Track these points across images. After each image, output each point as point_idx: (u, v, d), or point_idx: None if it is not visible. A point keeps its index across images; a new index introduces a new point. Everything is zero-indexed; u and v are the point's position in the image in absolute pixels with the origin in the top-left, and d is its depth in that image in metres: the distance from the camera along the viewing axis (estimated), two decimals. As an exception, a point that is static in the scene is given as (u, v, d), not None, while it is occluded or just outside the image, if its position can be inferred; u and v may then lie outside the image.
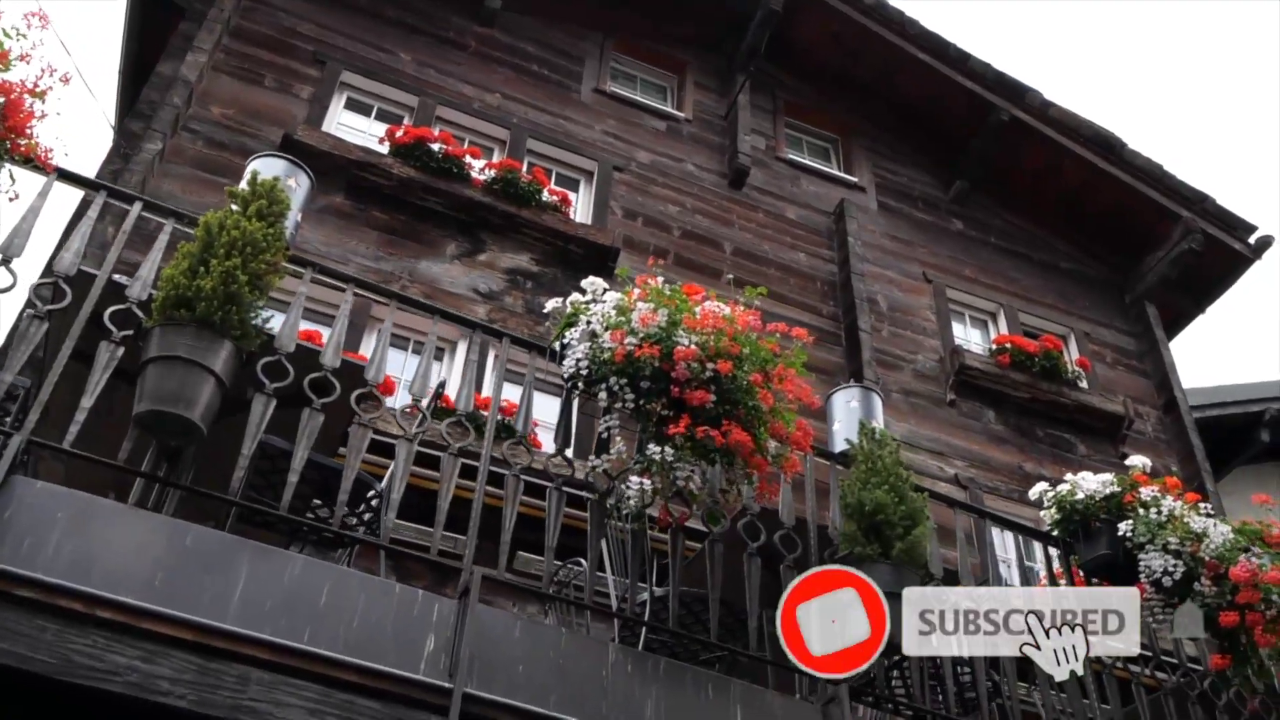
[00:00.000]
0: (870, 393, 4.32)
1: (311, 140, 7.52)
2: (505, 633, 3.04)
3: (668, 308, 3.36)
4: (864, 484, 3.65)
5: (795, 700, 3.40)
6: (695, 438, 3.18)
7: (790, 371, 3.43)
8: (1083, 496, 4.17)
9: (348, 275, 3.63)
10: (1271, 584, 3.89)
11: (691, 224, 8.85)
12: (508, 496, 3.29)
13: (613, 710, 3.03)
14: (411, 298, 3.80)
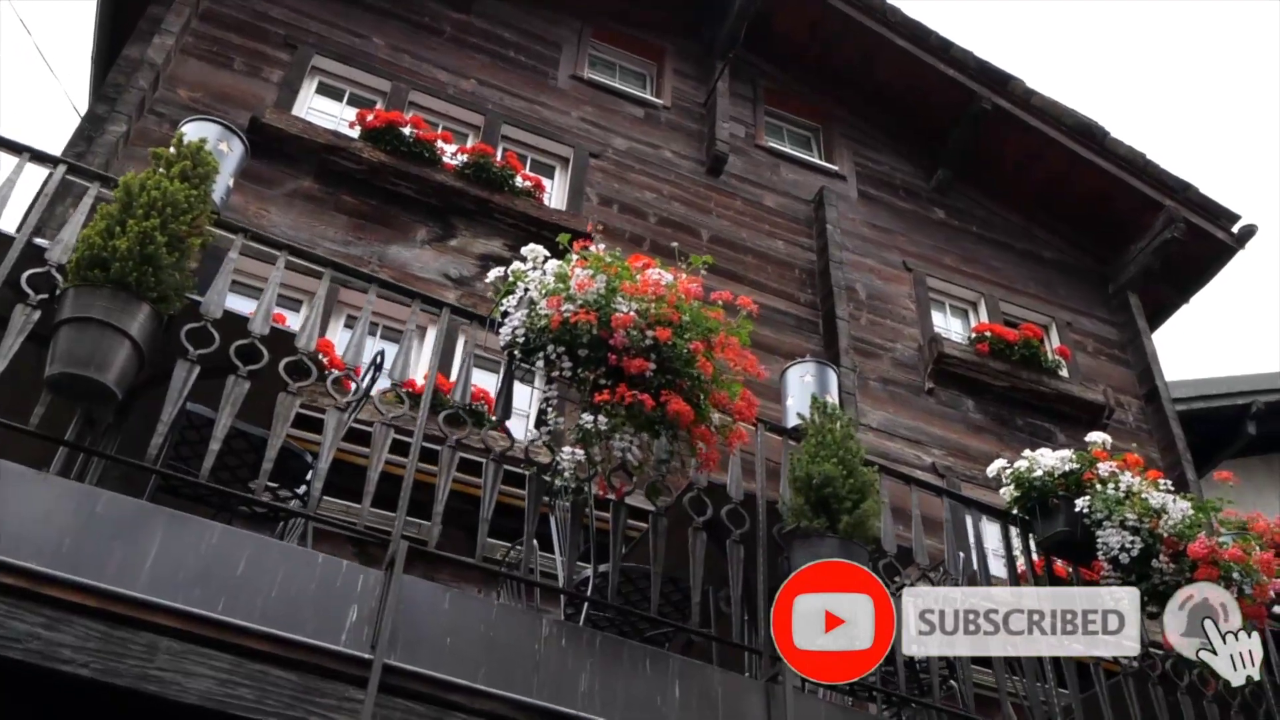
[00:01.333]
0: (825, 368, 4.24)
1: (280, 123, 7.44)
2: (433, 605, 2.95)
3: (606, 274, 3.28)
4: (813, 457, 3.56)
5: (737, 676, 3.31)
6: (627, 405, 3.10)
7: (734, 341, 3.35)
8: (1041, 473, 4.10)
9: (278, 241, 3.54)
10: (1232, 561, 3.81)
11: (668, 211, 8.76)
12: (441, 468, 3.21)
13: (544, 684, 2.94)
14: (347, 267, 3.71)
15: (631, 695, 3.05)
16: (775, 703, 3.21)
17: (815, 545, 3.44)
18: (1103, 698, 3.92)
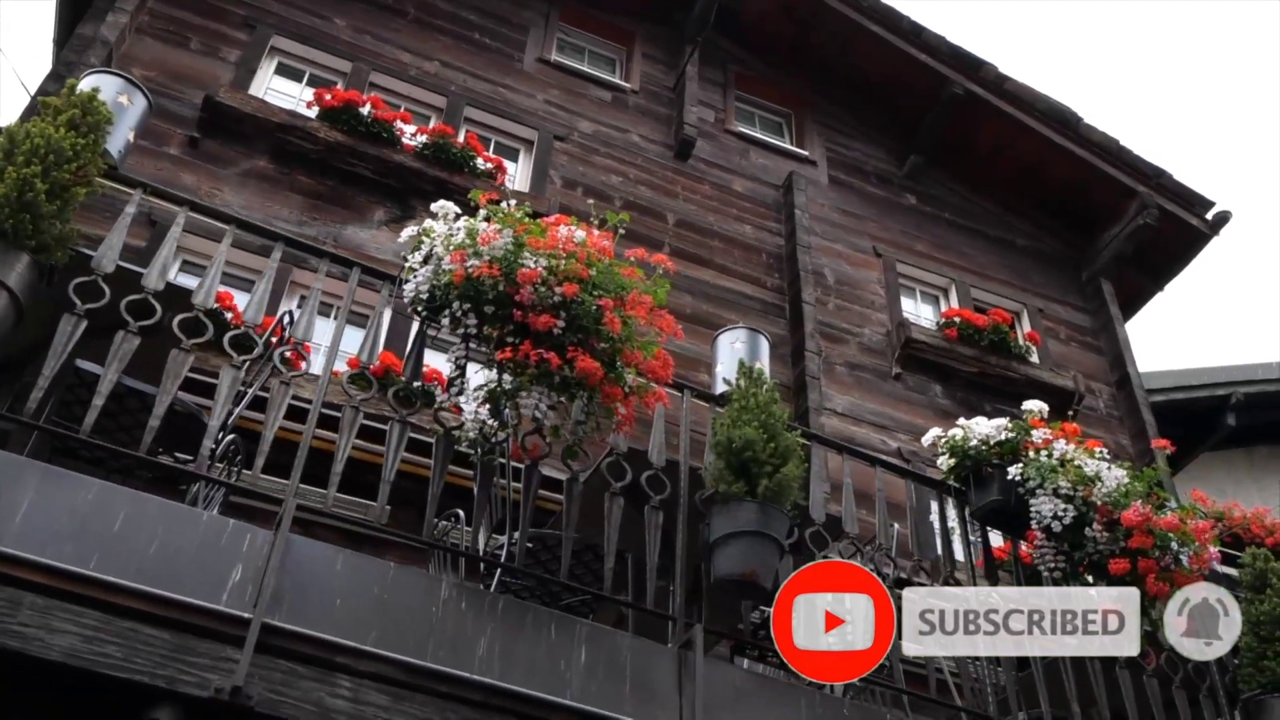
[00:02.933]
0: (757, 335, 4.14)
1: (234, 102, 7.34)
2: (325, 567, 2.86)
3: (514, 229, 3.18)
4: (734, 421, 3.47)
5: (648, 642, 3.22)
6: (534, 362, 3.00)
7: (646, 299, 3.25)
8: (975, 442, 4.00)
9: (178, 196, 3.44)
10: (1168, 530, 3.72)
11: (634, 194, 8.67)
12: (342, 428, 3.12)
13: (440, 648, 2.85)
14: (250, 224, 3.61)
15: (534, 660, 2.95)
16: (687, 669, 3.12)
17: (734, 510, 3.34)
18: (1038, 675, 3.83)
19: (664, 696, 3.07)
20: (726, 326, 4.35)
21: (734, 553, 3.30)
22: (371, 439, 5.07)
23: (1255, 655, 4.11)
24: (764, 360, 4.04)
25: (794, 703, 3.28)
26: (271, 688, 2.58)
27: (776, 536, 3.35)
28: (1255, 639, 4.13)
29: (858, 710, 3.37)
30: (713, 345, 4.22)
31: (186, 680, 2.50)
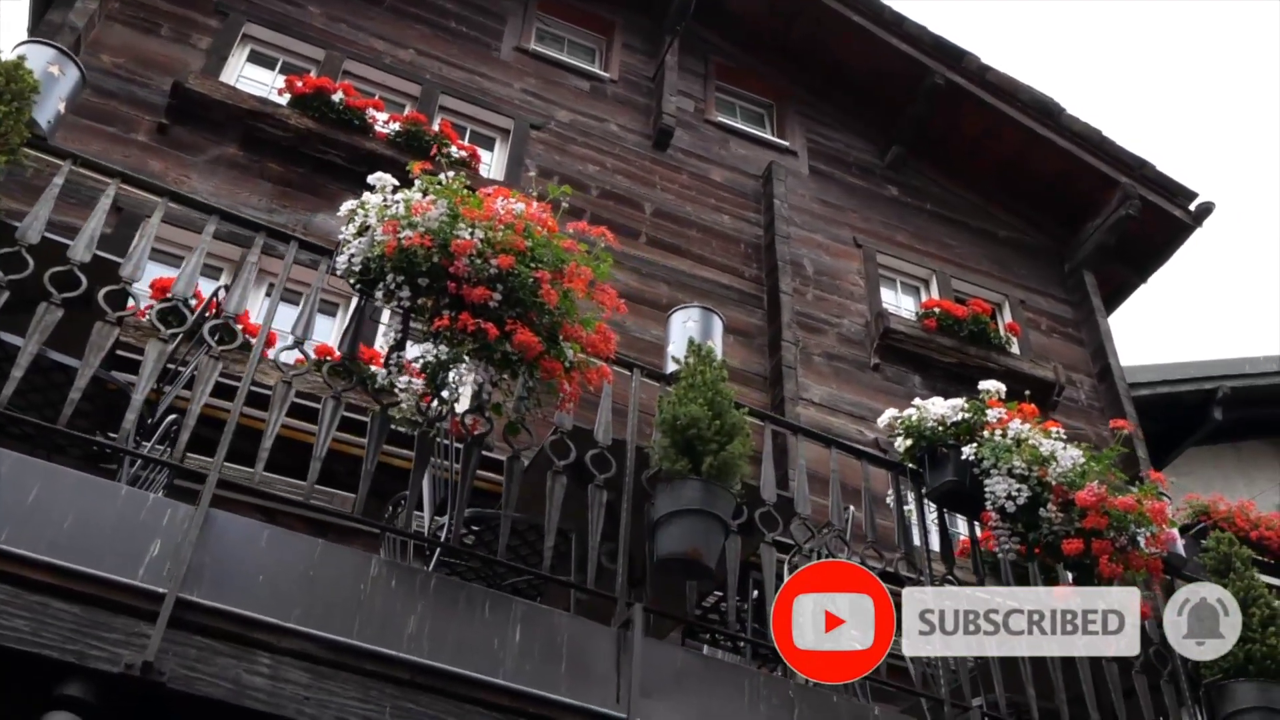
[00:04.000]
0: (711, 314, 4.08)
1: (204, 89, 7.27)
2: (249, 542, 2.80)
3: (448, 198, 3.12)
4: (681, 399, 3.41)
5: (587, 621, 3.15)
6: (470, 333, 2.94)
7: (586, 271, 3.18)
8: (931, 422, 3.94)
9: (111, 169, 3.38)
10: (1124, 511, 3.66)
11: (611, 184, 8.60)
12: (273, 403, 3.05)
13: (367, 626, 2.79)
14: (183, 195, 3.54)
15: (465, 639, 2.89)
16: (626, 649, 3.06)
17: (678, 488, 3.28)
18: (993, 660, 3.76)
19: (602, 676, 3.01)
20: (680, 305, 4.29)
21: (677, 531, 3.24)
22: (343, 428, 5.06)
23: (1218, 640, 4.05)
24: (717, 339, 3.97)
25: (738, 684, 3.21)
26: (186, 664, 2.51)
27: (721, 515, 3.29)
28: (1218, 624, 4.06)
29: (803, 691, 3.30)
30: (666, 324, 4.15)
31: (97, 655, 2.43)
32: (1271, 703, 3.91)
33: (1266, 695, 3.91)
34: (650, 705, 3.00)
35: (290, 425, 5.08)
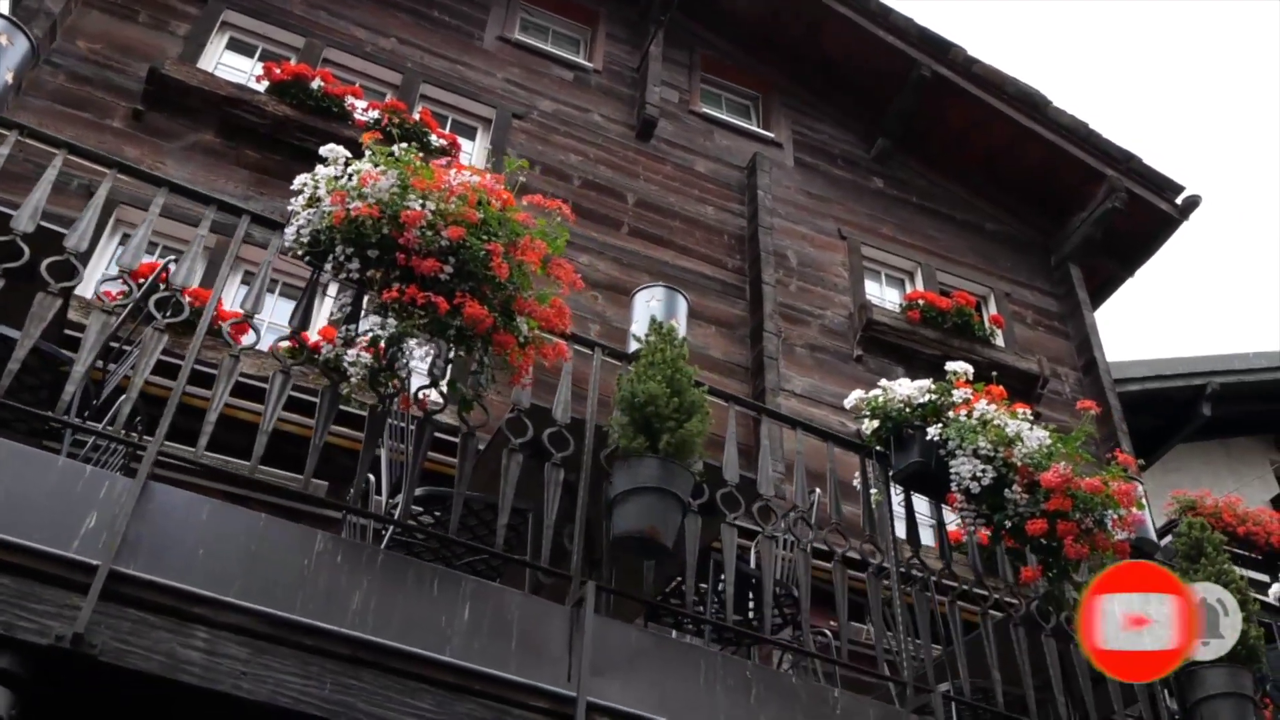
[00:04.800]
0: (675, 294, 4.03)
1: (180, 75, 7.22)
2: (189, 516, 2.74)
3: (399, 169, 3.07)
4: (640, 377, 3.36)
5: (539, 600, 3.10)
6: (419, 305, 2.89)
7: (540, 244, 3.13)
8: (897, 403, 3.89)
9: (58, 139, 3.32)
10: (1090, 492, 3.61)
11: (594, 174, 8.55)
12: (218, 378, 2.99)
13: (310, 601, 2.73)
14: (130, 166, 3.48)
15: (412, 616, 2.83)
16: (579, 627, 3.00)
17: (635, 466, 3.23)
18: (957, 642, 3.71)
19: (554, 655, 2.96)
20: (644, 285, 4.24)
21: (634, 509, 3.19)
22: (303, 412, 5.00)
23: (1188, 625, 4.00)
24: (681, 319, 3.92)
25: (694, 664, 3.16)
26: (119, 637, 2.46)
27: (679, 493, 3.24)
28: (1188, 609, 4.02)
29: (761, 672, 3.25)
30: (630, 303, 4.10)
31: (26, 627, 2.38)
32: (1241, 688, 3.86)
33: (1236, 680, 3.86)
34: (602, 684, 2.95)
35: (239, 406, 5.07)
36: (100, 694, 2.48)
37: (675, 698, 3.04)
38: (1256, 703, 3.95)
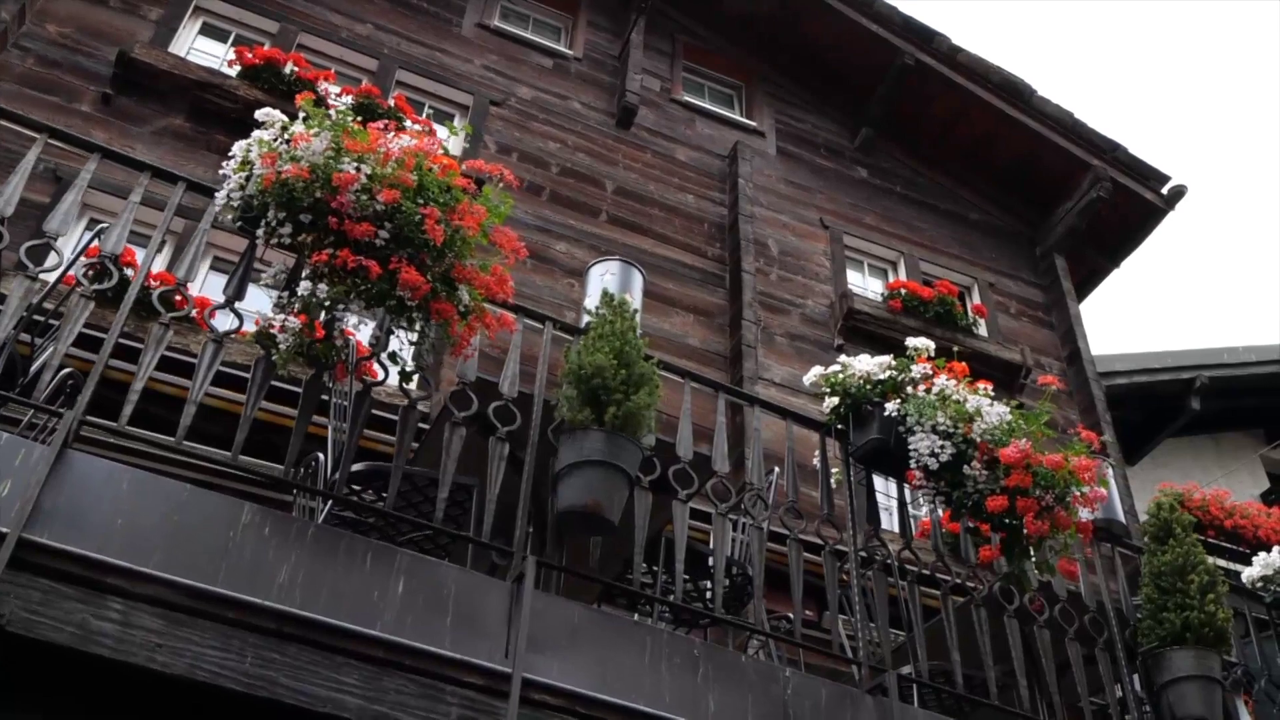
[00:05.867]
0: (630, 268, 3.93)
1: (150, 59, 7.13)
2: (109, 486, 2.65)
3: (333, 131, 2.98)
4: (589, 349, 3.27)
5: (477, 574, 3.02)
6: (350, 270, 2.80)
7: (479, 209, 3.04)
8: (857, 379, 3.80)
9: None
10: (1051, 469, 3.53)
11: (572, 161, 8.46)
12: (145, 348, 2.91)
13: (235, 573, 2.65)
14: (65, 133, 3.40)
15: (343, 590, 2.75)
16: (518, 603, 2.92)
17: (580, 440, 3.15)
18: (916, 625, 3.63)
19: (491, 631, 2.87)
20: (599, 259, 4.15)
21: (578, 483, 3.10)
22: (287, 402, 4.90)
23: (1156, 607, 3.93)
24: (635, 293, 3.83)
25: (638, 641, 3.07)
26: (28, 607, 2.37)
27: (625, 468, 3.15)
28: (1156, 590, 3.95)
29: (710, 651, 3.17)
30: (584, 278, 4.02)
31: (-72, 596, 2.29)
32: (1208, 670, 3.78)
33: (1203, 663, 3.79)
34: (541, 661, 2.87)
35: (218, 395, 4.99)
36: (8, 667, 2.39)
37: (618, 675, 2.96)
38: (1225, 686, 3.87)
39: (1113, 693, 3.79)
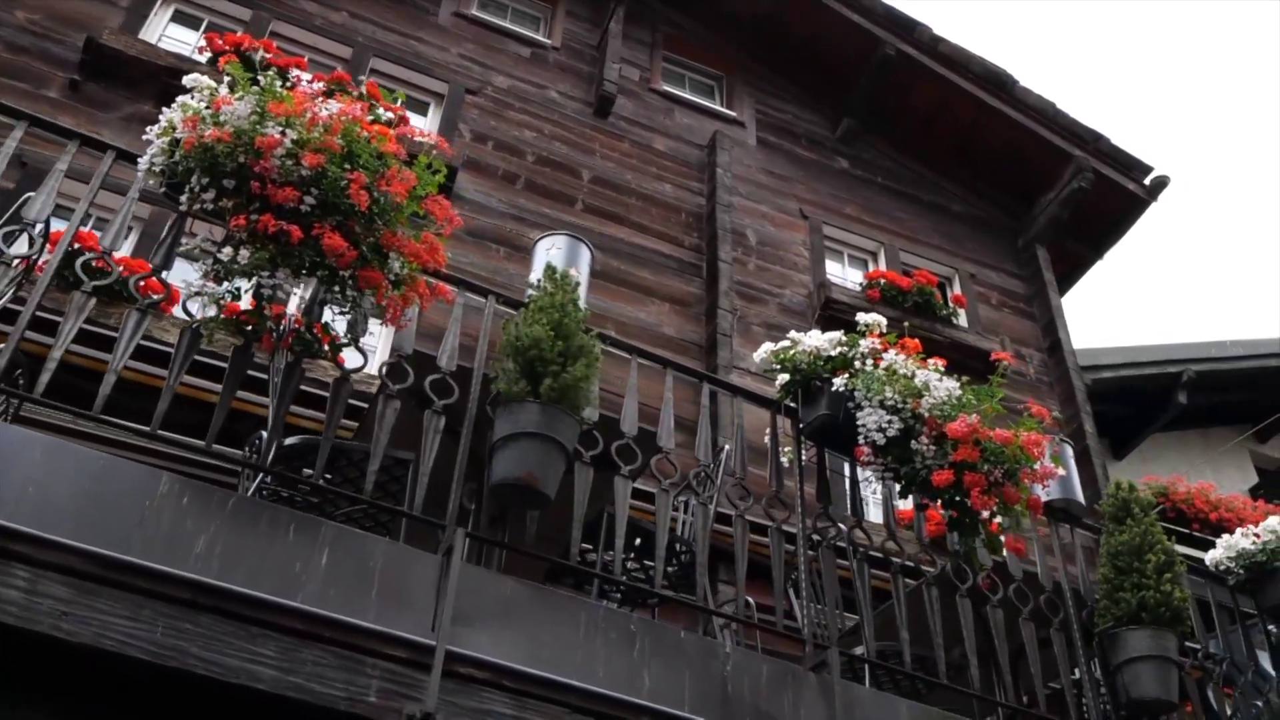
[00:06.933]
0: (578, 243, 3.87)
1: (119, 45, 7.08)
2: (20, 454, 2.59)
3: (257, 95, 2.93)
4: (527, 321, 3.22)
5: (406, 548, 2.95)
6: (270, 234, 2.74)
7: (408, 175, 2.99)
8: (807, 355, 3.73)
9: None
10: (999, 443, 3.47)
11: (548, 150, 8.41)
12: (68, 313, 2.85)
13: (150, 543, 2.59)
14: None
15: (264, 561, 2.69)
16: (447, 576, 2.86)
17: (515, 412, 3.09)
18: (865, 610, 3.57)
19: (419, 604, 2.81)
20: (546, 233, 4.10)
21: (512, 455, 3.05)
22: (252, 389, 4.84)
23: (1112, 587, 3.88)
24: (582, 268, 3.77)
25: (573, 616, 3.02)
26: (-72, 574, 2.32)
27: (561, 440, 3.09)
28: (1113, 570, 3.89)
29: (648, 626, 3.11)
30: (532, 253, 3.96)
31: None
32: (1164, 650, 3.72)
33: (1159, 643, 3.73)
34: (469, 634, 2.81)
35: (192, 384, 4.93)
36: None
37: (550, 649, 2.90)
38: (1182, 667, 3.81)
39: (1068, 674, 3.73)
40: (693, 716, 2.97)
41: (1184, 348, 11.63)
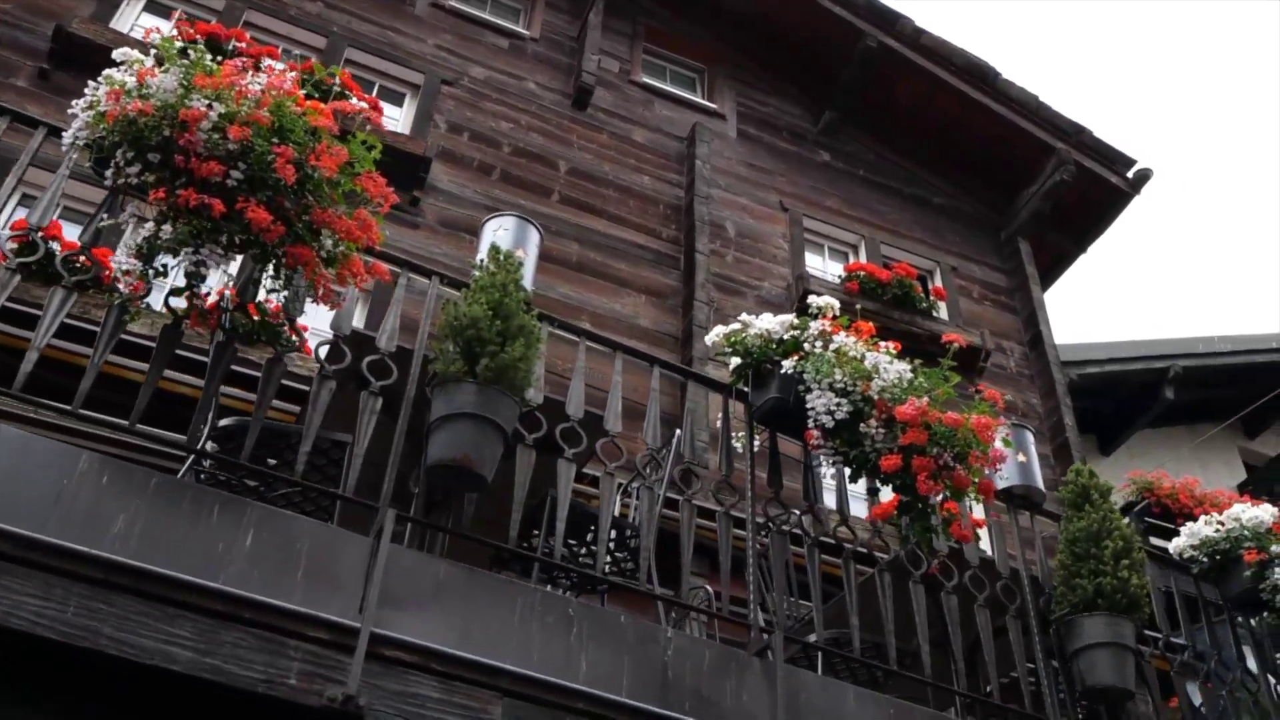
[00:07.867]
0: (527, 225, 3.80)
1: (88, 33, 7.02)
2: (-65, 430, 2.55)
3: (183, 69, 2.87)
4: (467, 300, 3.17)
5: (335, 529, 2.90)
6: (191, 208, 2.69)
7: (340, 150, 2.93)
8: (757, 338, 3.68)
9: None
10: (949, 426, 3.42)
11: (525, 141, 8.35)
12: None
13: (67, 523, 2.53)
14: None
15: (185, 542, 2.64)
16: (377, 558, 2.80)
17: (452, 392, 3.04)
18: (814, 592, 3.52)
19: (346, 586, 2.76)
20: (495, 214, 4.04)
21: (448, 436, 2.99)
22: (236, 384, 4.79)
23: (1069, 574, 3.82)
24: (530, 250, 3.71)
25: (508, 599, 2.96)
26: None
27: (499, 421, 3.04)
28: (1070, 556, 3.84)
29: (587, 610, 3.05)
30: (480, 234, 3.90)
31: None
32: (1120, 637, 3.67)
33: (1116, 630, 3.68)
34: (398, 617, 2.76)
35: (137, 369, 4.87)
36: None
37: (482, 633, 2.85)
38: (1140, 654, 3.76)
39: (1023, 661, 3.67)
40: (630, 701, 2.91)
41: (1171, 343, 11.58)
